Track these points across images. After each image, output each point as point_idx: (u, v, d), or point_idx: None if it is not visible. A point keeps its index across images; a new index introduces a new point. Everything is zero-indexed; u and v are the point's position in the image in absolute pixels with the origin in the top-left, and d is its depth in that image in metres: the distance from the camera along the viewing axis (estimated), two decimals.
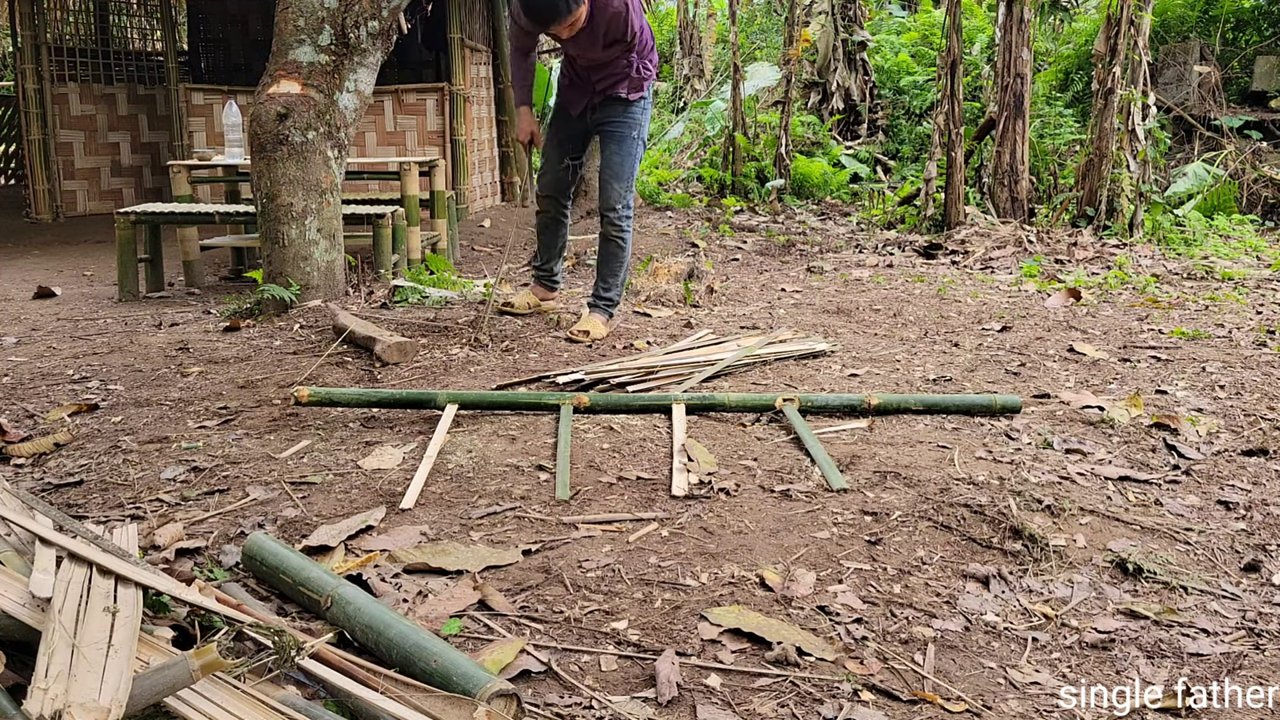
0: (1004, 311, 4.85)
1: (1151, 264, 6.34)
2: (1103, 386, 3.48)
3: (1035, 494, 2.45)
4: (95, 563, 1.62)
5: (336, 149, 4.64)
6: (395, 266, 5.47)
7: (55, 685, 1.31)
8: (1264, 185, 8.34)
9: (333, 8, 4.52)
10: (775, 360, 3.70)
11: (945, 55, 7.62)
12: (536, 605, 1.96)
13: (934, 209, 7.85)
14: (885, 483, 2.53)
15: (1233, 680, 1.73)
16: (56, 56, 9.22)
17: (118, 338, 4.38)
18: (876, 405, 3.07)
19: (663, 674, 1.70)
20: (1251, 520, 2.37)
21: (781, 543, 2.22)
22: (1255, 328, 4.45)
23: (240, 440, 2.92)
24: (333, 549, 2.18)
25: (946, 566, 2.13)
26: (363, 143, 8.59)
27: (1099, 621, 1.92)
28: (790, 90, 10.20)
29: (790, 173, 10.06)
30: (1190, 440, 2.88)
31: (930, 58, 11.75)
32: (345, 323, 4.03)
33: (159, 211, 5.69)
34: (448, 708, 1.50)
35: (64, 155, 9.30)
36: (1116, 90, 7.13)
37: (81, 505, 2.46)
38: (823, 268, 6.44)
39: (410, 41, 8.74)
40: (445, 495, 2.49)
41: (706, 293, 5.14)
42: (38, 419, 3.18)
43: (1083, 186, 7.50)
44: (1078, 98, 10.00)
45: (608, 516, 2.36)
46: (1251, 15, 10.03)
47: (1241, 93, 9.59)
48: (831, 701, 1.66)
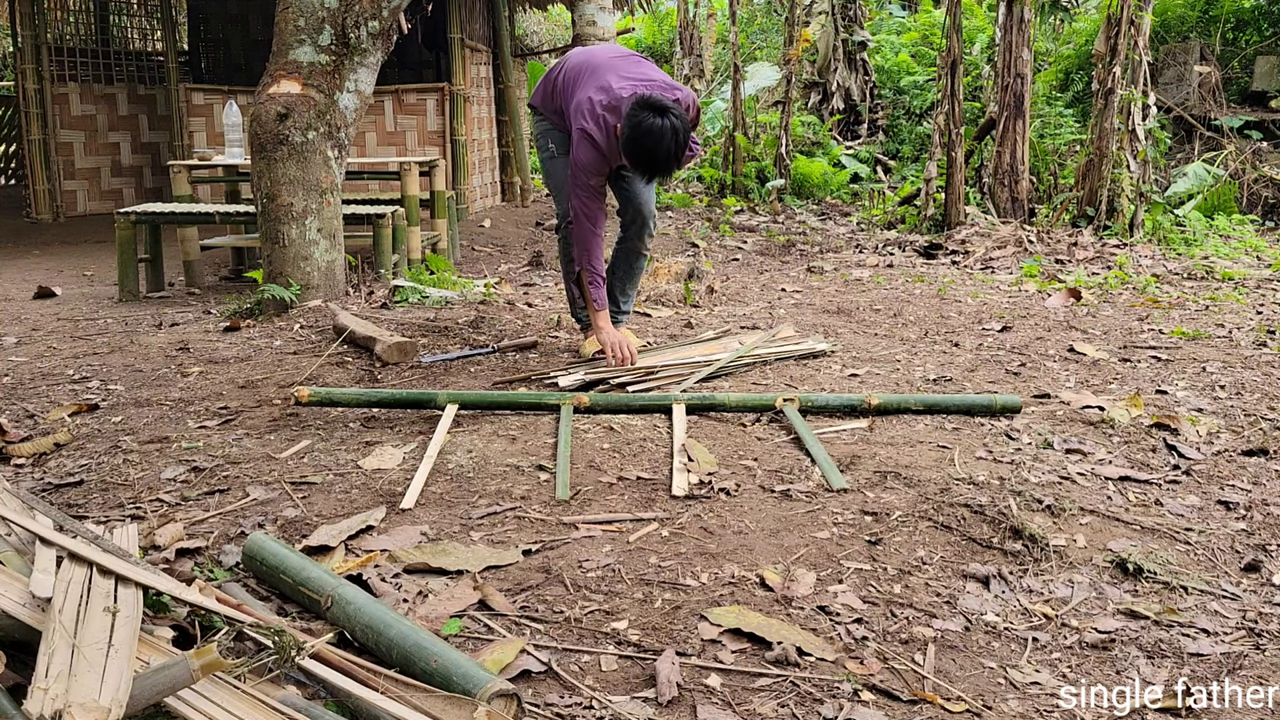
0: (1004, 311, 4.85)
1: (1152, 264, 6.34)
2: (1103, 386, 3.48)
3: (1035, 494, 2.45)
4: (95, 563, 1.62)
5: (337, 149, 4.64)
6: (395, 266, 5.47)
7: (55, 685, 1.31)
8: (1264, 185, 8.34)
9: (333, 8, 4.52)
10: (775, 360, 3.70)
11: (945, 55, 7.62)
12: (536, 605, 1.96)
13: (934, 209, 7.85)
14: (885, 483, 2.53)
15: (1233, 680, 1.73)
16: (57, 56, 9.22)
17: (118, 338, 4.38)
18: (877, 405, 3.07)
19: (663, 674, 1.70)
20: (1251, 520, 2.37)
21: (782, 543, 2.22)
22: (1255, 328, 4.45)
23: (240, 440, 2.92)
24: (333, 549, 2.18)
25: (947, 566, 2.13)
26: (363, 143, 8.59)
27: (1099, 621, 1.92)
28: (790, 90, 10.20)
29: (790, 173, 10.06)
30: (1190, 440, 2.88)
31: (930, 58, 11.75)
32: (345, 323, 4.03)
33: (159, 211, 5.68)
34: (448, 708, 1.50)
35: (64, 155, 9.30)
36: (1117, 90, 7.13)
37: (81, 505, 2.46)
38: (823, 268, 6.44)
39: (410, 41, 8.73)
40: (445, 495, 2.49)
41: (707, 293, 5.14)
42: (38, 419, 3.18)
43: (1083, 186, 7.50)
44: (1078, 98, 10.00)
45: (608, 516, 2.36)
46: (1251, 15, 10.03)
47: (1241, 93, 9.60)
48: (831, 701, 1.66)
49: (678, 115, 3.13)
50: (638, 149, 3.16)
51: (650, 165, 3.20)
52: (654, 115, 3.11)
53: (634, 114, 3.14)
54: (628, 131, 3.15)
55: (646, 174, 3.27)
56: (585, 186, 3.40)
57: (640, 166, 3.22)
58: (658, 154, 3.14)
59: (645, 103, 3.14)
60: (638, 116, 3.13)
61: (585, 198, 3.42)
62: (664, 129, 3.10)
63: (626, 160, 3.24)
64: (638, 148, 3.15)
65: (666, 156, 3.15)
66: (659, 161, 3.17)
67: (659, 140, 3.11)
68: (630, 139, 3.15)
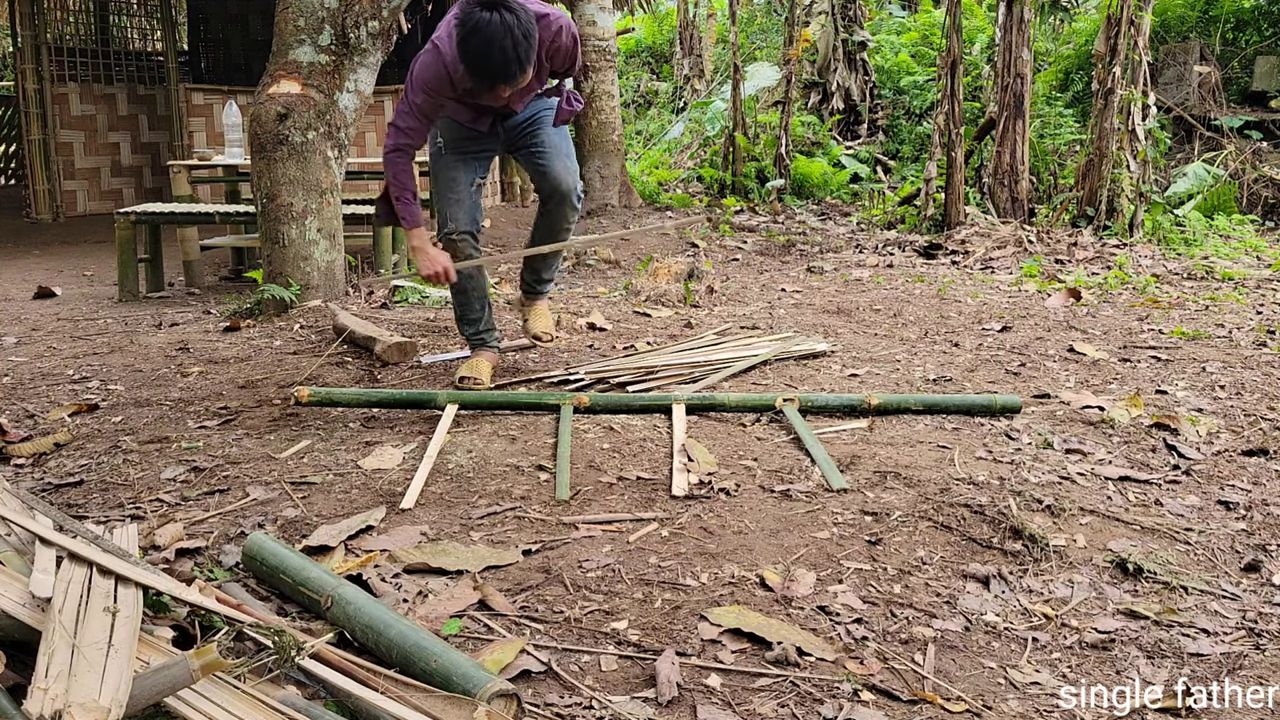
0: (1004, 311, 4.85)
1: (1151, 264, 6.34)
2: (1103, 386, 3.48)
3: (1035, 494, 2.45)
4: (95, 563, 1.62)
5: (337, 149, 4.64)
6: (395, 266, 5.47)
7: (55, 685, 1.31)
8: (1264, 185, 8.33)
9: (333, 8, 4.52)
10: (775, 360, 3.70)
11: (945, 55, 7.61)
12: (536, 605, 1.96)
13: (934, 209, 7.84)
14: (885, 483, 2.53)
15: (1233, 680, 1.73)
16: (56, 56, 9.23)
17: (118, 338, 4.38)
18: (877, 405, 3.07)
19: (663, 674, 1.70)
20: (1251, 520, 2.37)
21: (781, 543, 2.22)
22: (1255, 328, 4.45)
23: (240, 440, 2.92)
24: (333, 549, 2.18)
25: (946, 566, 2.13)
26: (363, 143, 8.59)
27: (1099, 621, 1.92)
28: (790, 90, 10.20)
29: (790, 173, 10.06)
30: (1190, 440, 2.88)
31: (930, 58, 11.75)
32: (345, 323, 4.03)
33: (159, 211, 5.69)
34: (448, 708, 1.50)
35: (64, 155, 9.30)
36: (1116, 90, 7.13)
37: (81, 505, 2.46)
38: (823, 268, 6.44)
39: (410, 41, 8.73)
40: (445, 495, 2.49)
41: (706, 293, 5.14)
42: (38, 419, 3.18)
43: (1083, 186, 7.49)
44: (1078, 98, 10.00)
45: (608, 516, 2.36)
46: (1251, 15, 10.02)
47: (1241, 93, 9.59)
48: (831, 701, 1.66)
49: (512, 9, 2.77)
50: (466, 50, 2.79)
51: (485, 70, 2.80)
52: (483, 9, 2.76)
53: (463, 12, 2.79)
54: (457, 34, 2.80)
55: (485, 82, 2.86)
56: (412, 105, 3.02)
57: (475, 73, 2.83)
58: (490, 54, 2.75)
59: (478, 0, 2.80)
60: (466, 12, 2.78)
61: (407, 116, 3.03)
62: (493, 22, 2.73)
63: (464, 69, 2.86)
64: (466, 49, 2.79)
65: (503, 56, 2.76)
66: (493, 63, 2.78)
67: (490, 38, 2.74)
68: (459, 41, 2.80)
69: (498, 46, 2.75)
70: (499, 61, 2.78)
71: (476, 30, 2.75)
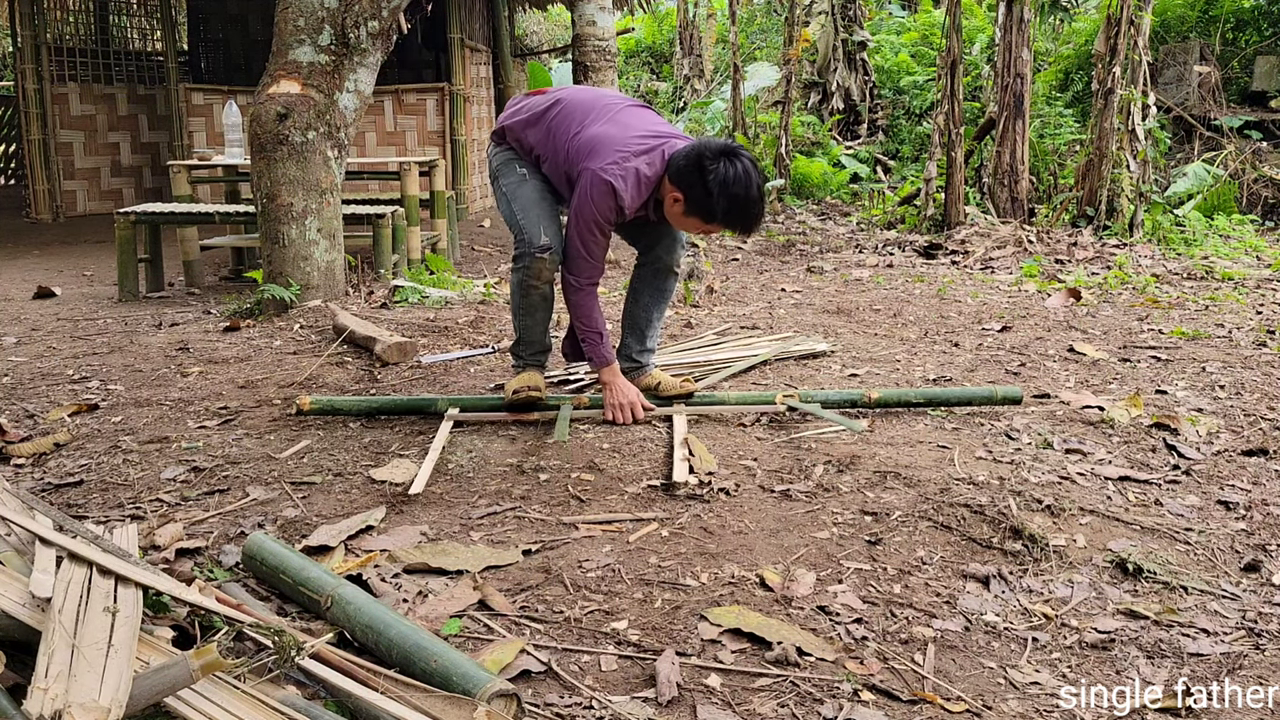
0: (1004, 311, 4.85)
1: (1151, 264, 6.34)
2: (1103, 386, 3.48)
3: (1035, 494, 2.45)
4: (95, 563, 1.62)
5: (336, 149, 4.64)
6: (395, 266, 5.47)
7: (55, 685, 1.31)
8: (1264, 185, 8.33)
9: (333, 8, 4.52)
10: (775, 360, 3.70)
11: (945, 55, 7.62)
12: (536, 605, 1.96)
13: (934, 209, 7.85)
14: (885, 483, 2.53)
15: (1233, 680, 1.73)
16: (56, 56, 9.22)
17: (118, 338, 4.38)
18: (876, 399, 3.07)
19: (663, 674, 1.70)
20: (1251, 520, 2.37)
21: (781, 543, 2.22)
22: (1255, 328, 4.45)
23: (240, 440, 2.92)
24: (333, 549, 2.18)
25: (946, 566, 2.13)
26: (363, 143, 8.59)
27: (1099, 621, 1.92)
28: (790, 90, 10.19)
29: (790, 173, 10.06)
30: (1190, 440, 2.88)
31: (930, 58, 11.75)
32: (345, 323, 4.03)
33: (159, 211, 5.68)
34: (448, 708, 1.50)
35: (64, 155, 9.30)
36: (1116, 90, 7.13)
37: (81, 505, 2.46)
38: (823, 268, 6.44)
39: (410, 41, 8.74)
40: (445, 495, 2.49)
41: (706, 293, 5.14)
42: (38, 419, 3.18)
43: (1083, 186, 7.50)
44: (1078, 98, 10.00)
45: (608, 516, 2.36)
46: (1251, 15, 10.02)
47: (1241, 93, 9.59)
48: (831, 701, 1.66)
49: (746, 154, 2.80)
50: (731, 200, 2.74)
51: (745, 215, 2.78)
52: (726, 161, 2.74)
53: (705, 167, 2.74)
54: (713, 188, 2.74)
55: (743, 228, 2.83)
56: (589, 233, 2.90)
57: (736, 219, 2.79)
58: (751, 198, 2.76)
59: (708, 152, 2.76)
60: (712, 168, 2.73)
61: (590, 242, 2.92)
62: (747, 171, 2.74)
63: (720, 220, 2.81)
64: (730, 199, 2.74)
65: (761, 206, 2.81)
66: (753, 214, 2.79)
67: (748, 184, 2.74)
68: (720, 194, 2.74)
69: (755, 190, 2.78)
70: (757, 213, 2.81)
71: (736, 180, 2.74)
